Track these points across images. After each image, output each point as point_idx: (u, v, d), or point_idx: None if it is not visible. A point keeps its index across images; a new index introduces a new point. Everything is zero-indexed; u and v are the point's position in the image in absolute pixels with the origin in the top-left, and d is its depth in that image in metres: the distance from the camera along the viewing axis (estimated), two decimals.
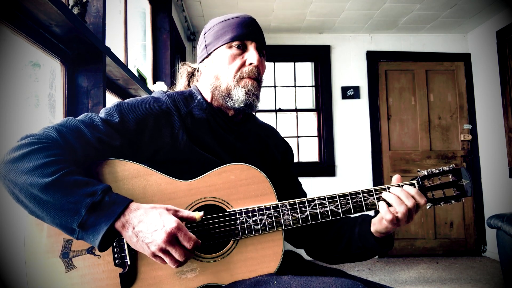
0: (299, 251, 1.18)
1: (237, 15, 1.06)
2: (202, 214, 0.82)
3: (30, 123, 1.50)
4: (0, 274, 1.19)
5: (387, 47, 4.38)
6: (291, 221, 0.93)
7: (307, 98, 4.52)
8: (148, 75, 2.97)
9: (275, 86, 4.47)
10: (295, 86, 4.48)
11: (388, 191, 0.95)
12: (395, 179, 0.98)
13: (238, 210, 0.91)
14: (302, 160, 4.39)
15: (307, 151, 4.42)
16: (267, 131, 1.18)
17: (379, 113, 4.29)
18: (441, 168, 0.98)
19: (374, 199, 0.96)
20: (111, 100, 2.23)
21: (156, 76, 3.06)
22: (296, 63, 4.49)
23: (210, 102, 1.06)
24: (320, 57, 4.35)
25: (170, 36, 3.09)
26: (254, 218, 0.91)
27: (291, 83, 4.48)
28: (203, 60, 1.09)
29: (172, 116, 0.97)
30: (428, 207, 0.97)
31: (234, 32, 1.02)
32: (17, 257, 1.21)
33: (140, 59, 2.93)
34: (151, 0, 3.05)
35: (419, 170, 1.00)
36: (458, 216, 4.22)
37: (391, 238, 1.02)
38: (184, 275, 0.87)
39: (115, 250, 0.86)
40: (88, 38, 1.51)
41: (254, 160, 1.07)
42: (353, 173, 4.23)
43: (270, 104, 4.43)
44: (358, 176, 4.22)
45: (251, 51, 1.02)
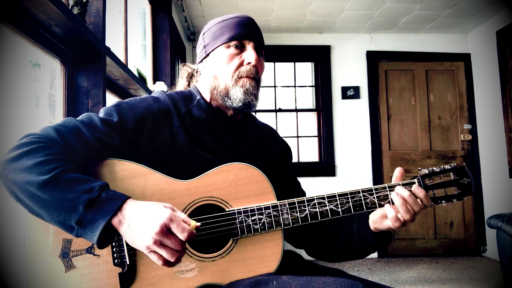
0: (299, 251, 1.18)
1: (235, 15, 1.06)
2: (199, 224, 0.80)
3: (30, 123, 1.50)
4: (0, 274, 1.19)
5: (387, 47, 4.38)
6: (290, 220, 0.93)
7: (307, 98, 4.52)
8: (148, 75, 2.97)
9: (275, 86, 4.47)
10: (295, 86, 4.47)
11: (396, 194, 0.93)
12: (398, 172, 0.96)
13: (237, 210, 0.91)
14: (302, 160, 4.39)
15: (307, 151, 4.41)
16: (266, 132, 1.19)
17: (379, 113, 4.29)
18: (442, 166, 0.97)
19: (374, 198, 0.95)
20: (111, 100, 2.23)
21: (156, 76, 3.06)
22: (296, 63, 4.49)
23: (209, 102, 1.06)
24: (320, 57, 4.35)
25: (170, 36, 3.09)
26: (253, 218, 0.91)
27: (291, 83, 4.48)
28: (202, 61, 1.09)
29: (171, 116, 0.97)
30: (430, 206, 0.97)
31: (232, 32, 1.02)
32: (17, 257, 1.21)
33: (140, 59, 2.93)
34: (151, 0, 3.05)
35: (420, 168, 1.00)
36: (458, 216, 4.22)
37: (390, 233, 1.02)
38: (183, 274, 0.87)
39: (114, 250, 0.86)
40: (88, 38, 1.51)
41: (253, 159, 1.07)
42: (353, 173, 4.22)
43: (270, 104, 4.43)
44: (358, 176, 4.22)
45: (249, 51, 1.02)
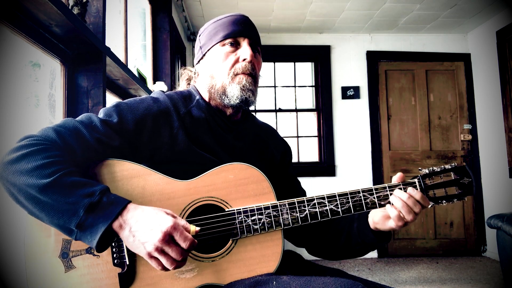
0: (298, 251, 1.19)
1: (229, 14, 1.07)
2: (198, 229, 0.80)
3: (30, 123, 1.50)
4: (0, 274, 1.19)
5: (387, 47, 4.38)
6: (290, 220, 0.93)
7: (307, 98, 4.52)
8: (148, 75, 2.96)
9: (275, 86, 4.46)
10: (295, 86, 4.47)
11: (395, 196, 0.93)
12: (398, 177, 0.96)
13: (237, 210, 0.91)
14: (302, 160, 4.39)
15: (307, 151, 4.41)
16: (266, 131, 1.19)
17: (379, 113, 4.29)
18: (442, 166, 0.97)
19: (374, 198, 0.95)
20: (111, 100, 2.23)
21: (156, 76, 3.06)
22: (296, 63, 4.49)
23: (208, 101, 1.06)
24: (320, 57, 4.35)
25: (170, 36, 3.09)
26: (253, 218, 0.91)
27: (291, 83, 4.48)
28: (199, 62, 1.10)
29: (171, 116, 0.97)
30: (429, 206, 0.96)
31: (226, 30, 1.02)
32: (17, 257, 1.21)
33: (140, 59, 2.93)
34: (151, 0, 3.05)
35: (420, 168, 0.99)
36: (458, 216, 4.22)
37: (389, 231, 1.01)
38: (183, 275, 0.87)
39: (114, 250, 0.86)
40: (88, 38, 1.51)
41: (253, 159, 1.07)
42: (353, 173, 4.22)
43: (270, 104, 4.43)
44: (358, 176, 4.22)
45: (244, 47, 1.02)
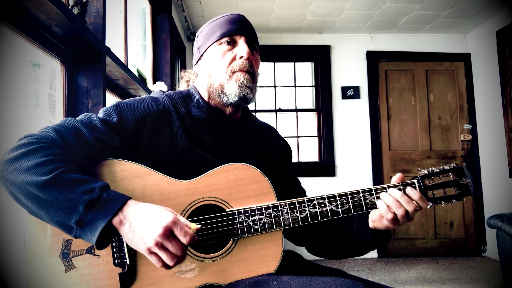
0: (299, 250, 1.19)
1: (225, 14, 1.08)
2: (199, 227, 0.80)
3: (30, 123, 1.50)
4: (0, 274, 1.19)
5: (387, 47, 4.38)
6: (290, 220, 0.93)
7: (307, 98, 4.52)
8: (148, 75, 2.96)
9: (275, 86, 4.46)
10: (295, 86, 4.47)
11: (388, 194, 0.93)
12: (397, 178, 0.96)
13: (237, 210, 0.91)
14: (302, 160, 4.39)
15: (307, 151, 4.41)
16: (267, 131, 1.19)
17: (379, 113, 4.29)
18: (441, 167, 0.98)
19: (374, 198, 0.95)
20: (111, 100, 2.23)
21: (156, 76, 3.06)
22: (296, 63, 4.49)
23: (207, 101, 1.06)
24: (320, 57, 4.35)
25: (170, 36, 3.09)
26: (253, 218, 0.91)
27: (291, 83, 4.48)
28: (197, 62, 1.11)
29: (171, 116, 0.98)
30: (428, 207, 0.96)
31: (223, 29, 1.03)
32: (17, 257, 1.21)
33: (140, 59, 2.93)
34: (151, 0, 3.05)
35: (419, 169, 1.00)
36: (458, 216, 4.22)
37: (389, 231, 1.02)
38: (184, 274, 0.87)
39: (115, 250, 0.86)
40: (88, 38, 1.51)
41: (253, 159, 1.07)
42: (353, 173, 4.22)
43: (270, 104, 4.43)
44: (358, 176, 4.22)
45: (240, 45, 1.02)
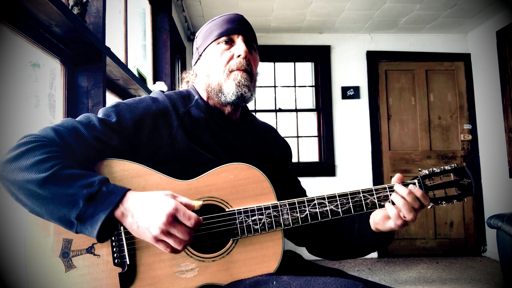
0: (299, 250, 1.19)
1: (223, 14, 1.08)
2: (201, 203, 0.81)
3: (30, 123, 1.50)
4: (0, 274, 1.19)
5: (387, 47, 4.38)
6: (290, 220, 0.93)
7: (307, 98, 4.52)
8: (148, 75, 2.97)
9: (275, 86, 4.46)
10: (295, 86, 4.47)
11: (396, 194, 0.92)
12: (397, 179, 0.96)
13: (237, 210, 0.91)
14: (302, 160, 4.39)
15: (307, 151, 4.41)
16: (266, 131, 1.19)
17: (379, 113, 4.29)
18: (442, 167, 0.97)
19: (374, 198, 0.95)
20: (111, 100, 2.23)
21: (156, 76, 3.06)
22: (296, 63, 4.49)
23: (206, 101, 1.07)
24: (320, 57, 4.35)
25: (170, 36, 3.09)
26: (253, 218, 0.91)
27: (291, 83, 4.48)
28: (196, 62, 1.11)
29: (170, 116, 0.98)
30: (429, 207, 0.96)
31: (221, 29, 1.03)
32: (17, 257, 1.21)
33: (140, 59, 2.93)
34: (151, 0, 3.05)
35: (420, 169, 0.99)
36: (458, 216, 4.22)
37: (391, 233, 1.01)
38: (184, 274, 0.87)
39: (114, 250, 0.86)
40: (88, 38, 1.51)
41: (253, 158, 1.07)
42: (353, 173, 4.22)
43: (270, 104, 4.43)
44: (358, 176, 4.22)
45: (238, 44, 1.03)
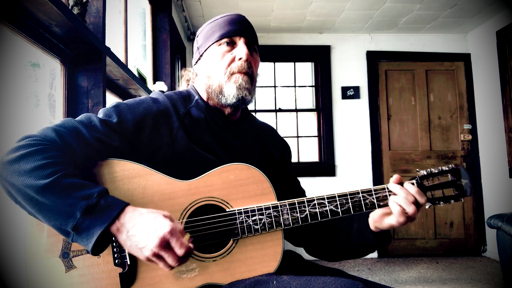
0: (299, 250, 1.19)
1: (225, 14, 1.07)
2: (188, 236, 0.80)
3: (30, 123, 1.50)
4: (0, 274, 1.19)
5: (387, 47, 4.38)
6: (290, 220, 0.93)
7: (307, 98, 4.52)
8: (148, 75, 2.97)
9: (275, 86, 4.46)
10: (295, 86, 4.47)
11: (394, 190, 0.93)
12: (395, 179, 0.96)
13: (237, 210, 0.91)
14: (302, 160, 4.39)
15: (307, 151, 4.41)
16: (266, 131, 1.19)
17: (379, 113, 4.29)
18: (440, 168, 0.98)
19: (374, 198, 0.96)
20: (111, 100, 2.23)
21: (156, 76, 3.06)
22: (296, 63, 4.49)
23: (207, 101, 1.06)
24: (320, 57, 4.35)
25: (170, 36, 3.09)
26: (253, 218, 0.91)
27: (291, 83, 4.48)
28: (197, 62, 1.11)
29: (171, 117, 0.98)
30: (427, 207, 0.97)
31: (222, 30, 1.03)
32: (17, 257, 1.21)
33: (140, 59, 2.93)
34: (151, 0, 3.05)
35: (418, 170, 1.00)
36: (458, 216, 4.22)
37: (389, 233, 1.02)
38: (184, 274, 0.87)
39: (115, 250, 0.86)
40: (88, 38, 1.51)
41: (253, 159, 1.07)
42: (353, 173, 4.23)
43: (270, 104, 4.43)
44: (358, 176, 4.22)
45: (240, 46, 1.02)
